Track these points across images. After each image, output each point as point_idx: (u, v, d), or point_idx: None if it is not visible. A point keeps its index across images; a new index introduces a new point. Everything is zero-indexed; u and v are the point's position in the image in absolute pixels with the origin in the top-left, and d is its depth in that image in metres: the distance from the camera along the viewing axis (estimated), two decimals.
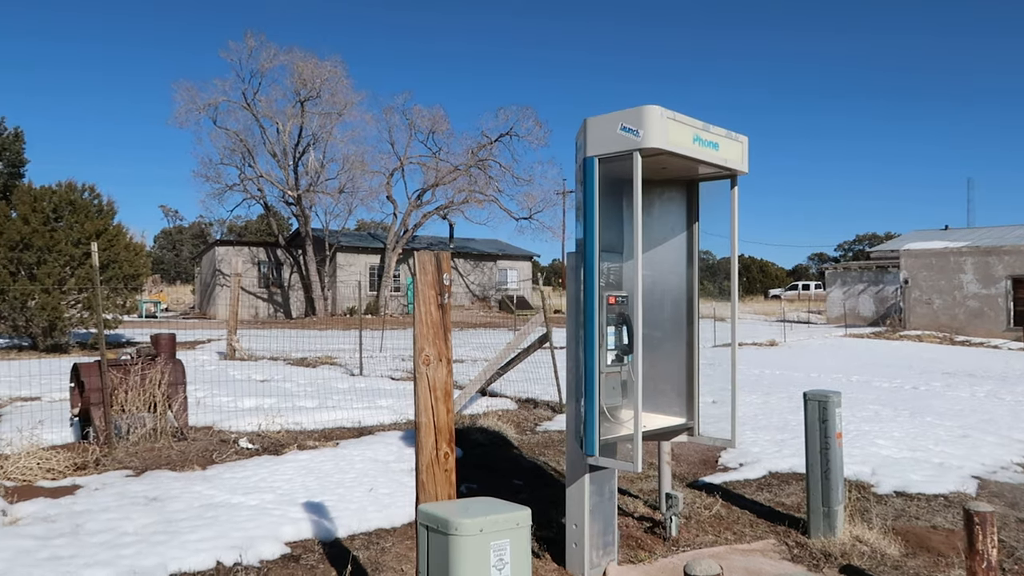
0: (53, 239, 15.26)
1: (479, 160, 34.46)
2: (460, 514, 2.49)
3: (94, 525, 4.13)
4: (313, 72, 31.52)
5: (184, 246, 70.04)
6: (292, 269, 34.42)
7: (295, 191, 32.15)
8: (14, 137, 28.96)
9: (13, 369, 11.17)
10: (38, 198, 15.81)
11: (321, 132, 32.66)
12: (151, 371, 5.79)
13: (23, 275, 15.24)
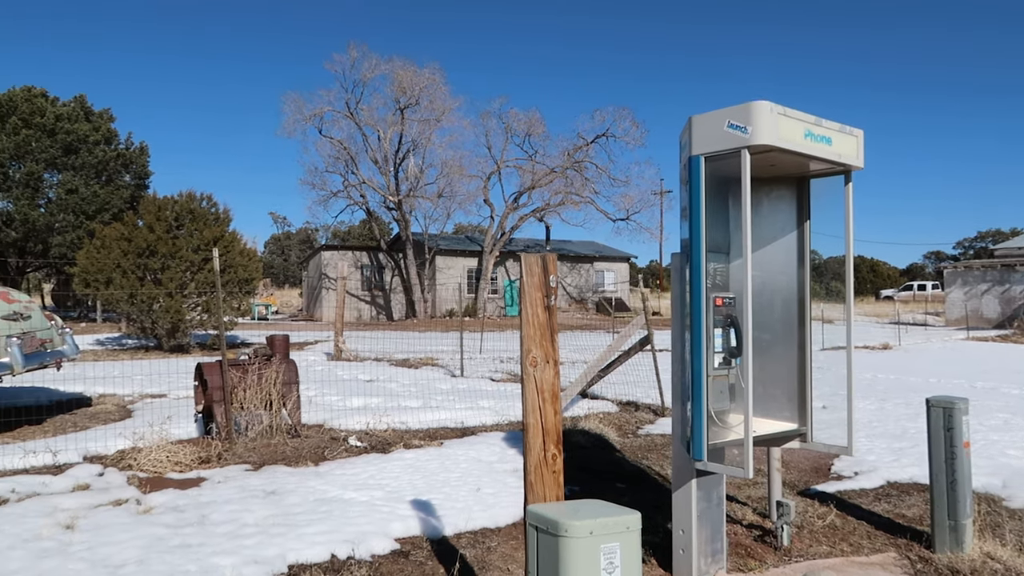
0: (175, 246, 16.23)
1: (575, 162, 34.41)
2: (570, 516, 2.49)
3: (218, 516, 4.36)
4: (412, 80, 32.28)
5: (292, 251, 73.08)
6: (393, 272, 35.32)
7: (396, 196, 33.00)
8: (140, 151, 30.97)
9: (142, 368, 11.93)
10: (162, 208, 16.86)
11: (420, 138, 33.41)
12: (267, 371, 6.07)
13: (149, 280, 16.28)
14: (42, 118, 27.53)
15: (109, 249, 16.23)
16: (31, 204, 27.32)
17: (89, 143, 28.65)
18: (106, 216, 27.16)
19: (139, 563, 3.65)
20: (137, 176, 30.82)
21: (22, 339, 6.87)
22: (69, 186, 27.89)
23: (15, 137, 26.81)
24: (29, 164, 27.33)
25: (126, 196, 29.25)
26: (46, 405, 8.25)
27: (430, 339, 19.84)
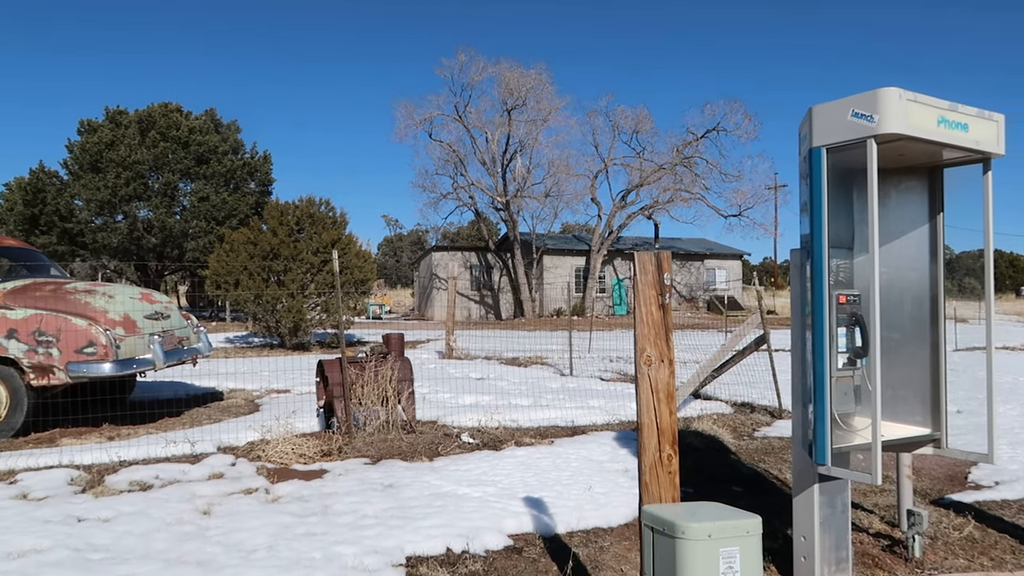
0: (296, 249, 17.03)
1: (685, 158, 33.73)
2: (687, 518, 2.45)
3: (340, 507, 4.54)
4: (519, 81, 32.54)
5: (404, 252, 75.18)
6: (501, 272, 35.71)
7: (503, 197, 33.35)
8: (264, 159, 32.72)
9: (267, 365, 12.58)
10: (284, 213, 17.72)
11: (527, 139, 33.63)
12: (383, 368, 6.27)
13: (273, 281, 17.16)
14: (177, 131, 29.50)
15: (237, 253, 17.21)
16: (168, 212, 29.33)
17: (218, 153, 30.47)
18: (234, 221, 28.83)
19: (269, 549, 3.86)
20: (261, 183, 32.54)
21: (163, 337, 7.39)
22: (201, 194, 29.77)
23: (154, 149, 28.86)
24: (166, 175, 29.36)
25: (251, 202, 30.94)
26: (183, 398, 8.85)
27: (538, 338, 19.94)
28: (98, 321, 6.79)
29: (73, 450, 5.92)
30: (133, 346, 7.01)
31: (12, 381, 6.68)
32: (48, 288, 7.11)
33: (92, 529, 4.15)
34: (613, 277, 35.92)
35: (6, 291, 6.95)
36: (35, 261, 8.13)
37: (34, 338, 6.59)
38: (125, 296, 7.38)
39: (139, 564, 3.66)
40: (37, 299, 6.91)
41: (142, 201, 29.55)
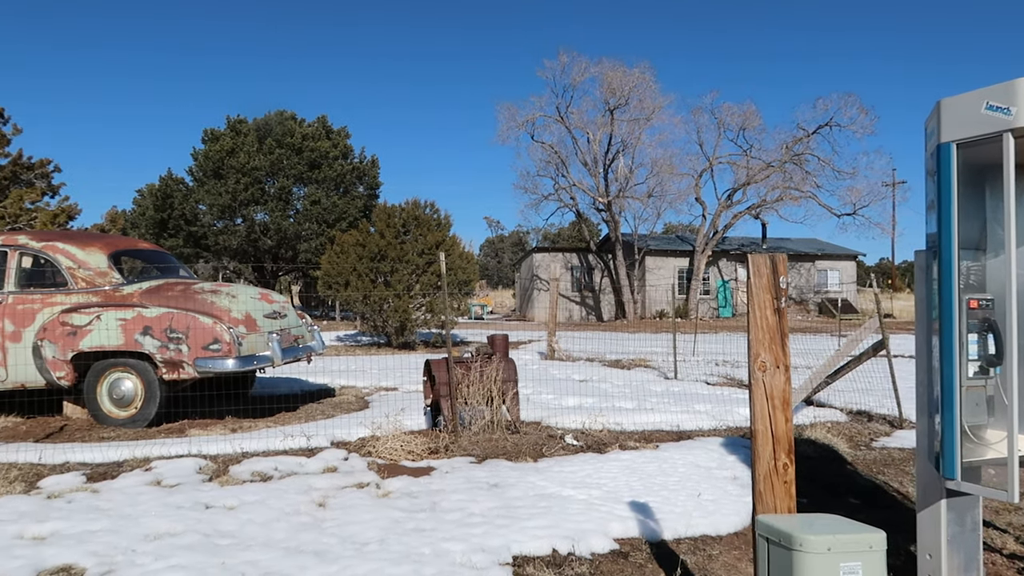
0: (403, 250, 17.49)
1: (795, 155, 32.55)
2: (805, 529, 2.36)
3: (447, 504, 4.64)
4: (621, 80, 32.27)
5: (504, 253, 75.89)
6: (603, 273, 35.50)
7: (605, 198, 33.14)
8: (371, 164, 33.82)
9: (375, 363, 12.98)
10: (391, 215, 18.24)
11: (630, 138, 33.30)
12: (488, 368, 6.36)
13: (380, 282, 17.70)
14: (292, 138, 30.90)
15: (347, 254, 17.85)
16: (283, 215, 30.76)
17: (329, 158, 31.70)
18: (343, 224, 29.93)
19: (380, 542, 3.98)
20: (369, 187, 33.64)
21: (280, 335, 7.76)
22: (313, 198, 31.05)
23: (270, 156, 30.33)
24: (281, 179, 30.79)
25: (360, 205, 32.02)
26: (298, 394, 9.25)
27: (641, 340, 19.69)
28: (223, 320, 7.20)
29: (200, 440, 6.30)
30: (254, 343, 7.38)
31: (146, 375, 7.17)
32: (178, 288, 7.59)
33: (219, 516, 4.40)
34: (718, 279, 35.06)
35: (141, 291, 7.47)
36: (166, 263, 8.70)
37: (166, 335, 7.05)
38: (246, 296, 7.79)
39: (261, 551, 3.86)
40: (169, 298, 7.39)
41: (259, 205, 31.10)
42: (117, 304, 7.30)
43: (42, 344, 7.19)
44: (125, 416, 7.22)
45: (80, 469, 5.47)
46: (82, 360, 7.23)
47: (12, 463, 5.59)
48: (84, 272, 7.47)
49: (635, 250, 33.97)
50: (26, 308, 7.34)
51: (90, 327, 7.15)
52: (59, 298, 7.36)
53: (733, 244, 36.61)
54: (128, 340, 7.09)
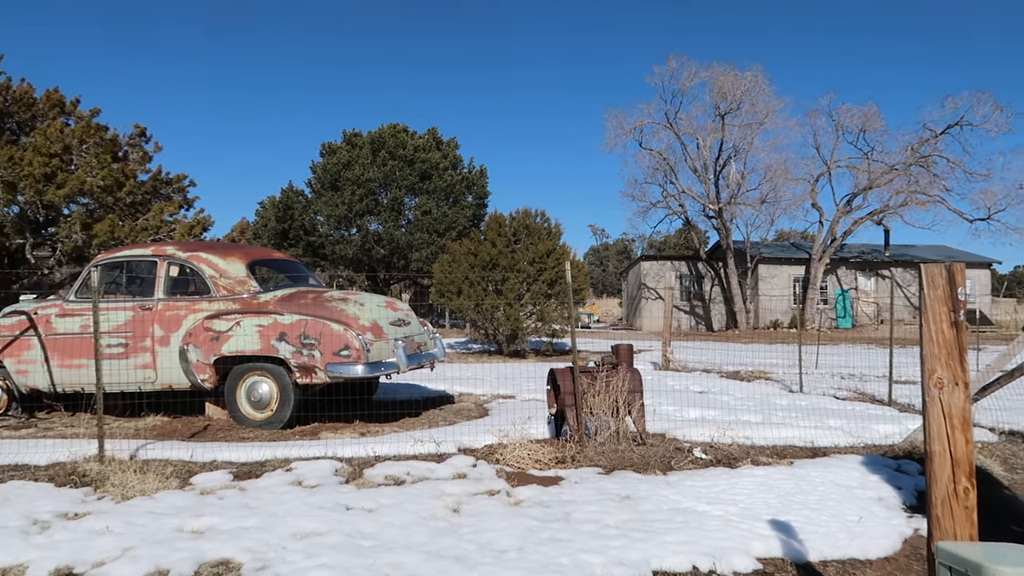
0: (514, 259, 17.64)
1: (921, 157, 30.78)
2: (998, 560, 2.19)
3: (580, 515, 4.61)
4: (733, 84, 31.48)
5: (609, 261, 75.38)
6: (713, 282, 34.66)
7: (716, 204, 32.38)
8: (480, 174, 34.36)
9: (489, 371, 13.11)
10: (502, 224, 18.44)
11: (741, 143, 32.43)
12: (614, 378, 6.30)
13: (491, 290, 17.90)
14: (404, 150, 31.81)
15: (459, 263, 18.18)
16: (395, 225, 31.68)
17: (439, 169, 32.43)
18: (453, 233, 30.51)
19: (518, 551, 3.99)
20: (478, 196, 34.16)
21: (405, 342, 7.96)
22: (424, 208, 31.83)
23: (384, 168, 31.33)
24: (394, 190, 31.74)
25: (469, 215, 32.58)
26: (418, 400, 9.46)
27: (755, 351, 19.07)
28: (352, 327, 7.45)
29: (333, 443, 6.52)
30: (380, 350, 7.60)
31: (282, 379, 7.50)
32: (310, 296, 7.92)
33: (359, 518, 4.54)
34: (836, 287, 33.54)
35: (277, 298, 7.83)
36: (297, 272, 9.10)
37: (300, 341, 7.36)
38: (373, 304, 8.03)
39: (403, 554, 3.94)
40: (302, 306, 7.72)
41: (373, 215, 32.16)
42: (255, 311, 7.68)
43: (187, 348, 7.65)
44: (262, 418, 7.57)
45: (226, 468, 5.77)
46: (223, 364, 7.64)
47: (167, 460, 5.96)
48: (225, 280, 7.91)
49: (747, 258, 32.98)
50: (173, 314, 7.83)
51: (231, 332, 7.56)
52: (203, 305, 7.82)
53: (852, 251, 34.95)
54: (265, 345, 7.45)
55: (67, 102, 19.06)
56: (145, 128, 19.48)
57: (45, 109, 18.66)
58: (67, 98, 19.09)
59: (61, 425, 7.97)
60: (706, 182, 33.00)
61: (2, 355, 8.30)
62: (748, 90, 31.80)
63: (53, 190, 16.46)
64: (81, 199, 17.27)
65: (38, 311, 8.33)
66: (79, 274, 18.29)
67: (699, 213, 34.48)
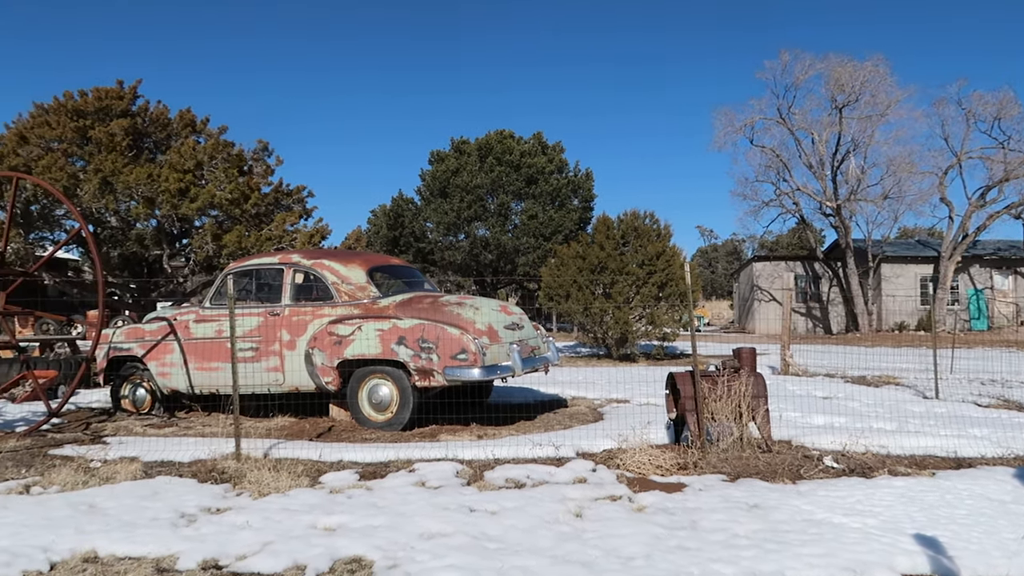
0: (622, 261, 17.46)
1: None
2: None
3: (707, 523, 4.48)
4: (851, 75, 30.06)
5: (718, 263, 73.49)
6: (831, 282, 33.17)
7: (834, 201, 30.98)
8: (586, 177, 34.26)
9: (599, 375, 13.01)
10: (610, 227, 18.29)
11: (861, 137, 30.92)
12: (736, 383, 6.10)
13: (600, 294, 17.78)
14: (510, 156, 32.14)
15: (567, 266, 18.15)
16: (502, 230, 32.04)
17: (545, 173, 32.56)
18: (559, 237, 30.54)
19: (646, 558, 3.91)
20: (583, 200, 34.07)
21: (519, 346, 8.00)
22: (530, 212, 32.03)
23: (491, 174, 31.75)
24: (501, 196, 32.11)
25: (575, 218, 32.54)
26: (532, 404, 9.48)
27: (881, 355, 18.07)
28: (468, 331, 7.55)
29: (453, 445, 6.62)
30: (496, 354, 7.67)
31: (401, 381, 7.69)
32: (427, 301, 8.08)
33: (482, 520, 4.57)
34: (969, 287, 31.38)
35: (396, 303, 8.04)
36: (413, 277, 9.32)
37: (418, 344, 7.52)
38: (488, 308, 8.12)
39: (529, 557, 3.94)
40: (419, 310, 7.89)
41: (480, 221, 32.64)
42: (375, 316, 7.91)
43: (313, 352, 7.97)
44: (382, 420, 7.78)
45: (352, 467, 5.96)
46: (346, 367, 7.91)
47: (296, 459, 6.22)
48: (347, 287, 8.19)
49: (868, 257, 31.35)
50: (299, 319, 8.18)
51: (353, 337, 7.81)
52: (326, 310, 8.12)
53: (987, 248, 32.61)
54: (385, 349, 7.66)
55: (198, 121, 20.33)
56: (268, 143, 20.53)
57: (178, 128, 19.97)
58: (198, 117, 20.36)
59: (199, 424, 8.46)
60: (822, 178, 31.63)
61: (146, 358, 8.91)
62: (867, 81, 30.27)
63: (187, 204, 17.57)
64: (211, 212, 18.37)
65: (177, 317, 8.90)
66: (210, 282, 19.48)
67: (815, 211, 33.12)
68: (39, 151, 18.09)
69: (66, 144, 18.43)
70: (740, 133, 32.89)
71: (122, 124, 18.64)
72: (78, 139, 18.59)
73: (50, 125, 18.53)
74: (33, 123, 18.90)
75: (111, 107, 19.09)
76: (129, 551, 4.15)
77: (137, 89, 19.68)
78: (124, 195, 17.84)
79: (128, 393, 9.21)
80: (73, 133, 18.44)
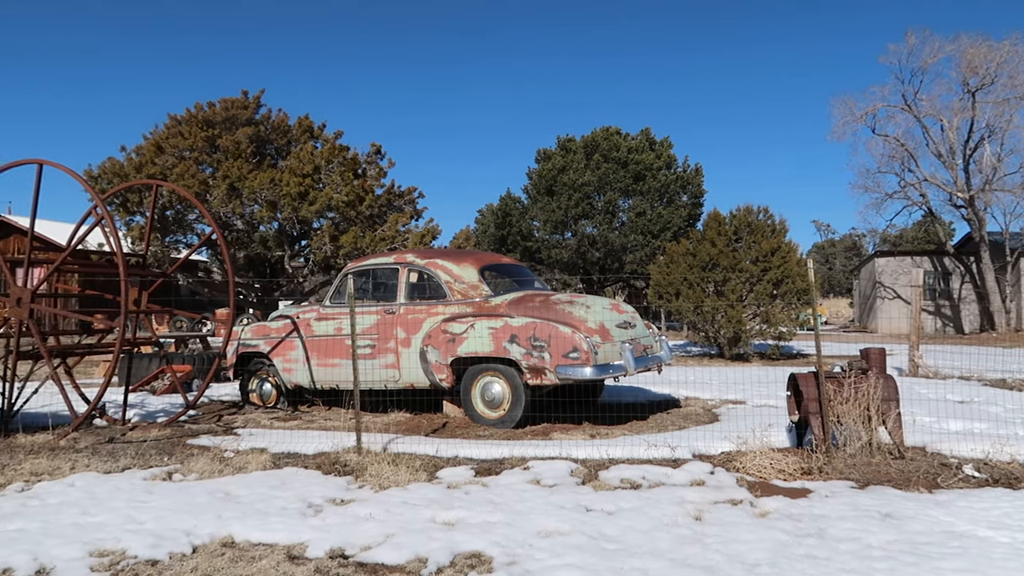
0: (735, 258, 16.95)
1: None
2: None
3: (835, 532, 4.27)
4: (986, 56, 28.00)
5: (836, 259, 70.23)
6: (963, 279, 31.04)
7: (966, 192, 28.97)
8: (695, 172, 33.48)
9: (712, 374, 12.68)
10: (721, 222, 17.80)
11: (997, 122, 28.75)
12: (864, 385, 5.80)
13: (711, 292, 17.33)
14: (617, 152, 31.82)
15: (676, 264, 17.79)
16: (609, 227, 31.77)
17: (653, 170, 32.05)
18: (668, 234, 29.99)
19: (771, 566, 3.77)
20: (693, 196, 33.32)
21: (632, 345, 7.89)
22: (638, 209, 31.62)
23: (598, 171, 31.55)
24: (608, 193, 31.85)
25: (684, 215, 31.87)
26: (643, 403, 9.34)
27: (1021, 356, 16.76)
28: (580, 329, 7.52)
29: (566, 444, 6.61)
30: (608, 352, 7.60)
31: (513, 379, 7.75)
32: (538, 299, 8.11)
33: (599, 520, 4.54)
34: None
35: (507, 302, 8.11)
36: (523, 276, 9.37)
37: (530, 343, 7.55)
38: (599, 306, 8.06)
39: (648, 559, 3.88)
40: (530, 309, 7.93)
41: (587, 219, 32.48)
42: (487, 314, 8.00)
43: (427, 349, 8.15)
44: (495, 417, 7.87)
45: (468, 464, 6.05)
46: (459, 364, 8.04)
47: (414, 453, 6.37)
48: (459, 285, 8.32)
49: (1006, 251, 29.13)
50: (414, 317, 8.38)
51: (465, 335, 7.93)
52: (440, 308, 8.29)
53: None
54: (497, 347, 7.73)
55: (315, 127, 21.20)
56: (380, 146, 21.17)
57: (297, 134, 20.89)
58: (315, 123, 21.24)
59: (321, 418, 8.82)
60: (953, 168, 29.62)
61: (272, 354, 9.37)
62: (1005, 62, 28.10)
63: (306, 207, 18.37)
64: (328, 214, 19.13)
65: (300, 315, 9.30)
66: (327, 282, 20.29)
67: (944, 203, 31.03)
68: (173, 160, 19.36)
69: (197, 152, 19.64)
70: (861, 122, 31.26)
71: (247, 132, 19.69)
72: (207, 148, 19.77)
73: (183, 135, 19.79)
74: (168, 134, 20.25)
75: (237, 116, 20.20)
76: (262, 538, 4.37)
77: (260, 99, 20.73)
78: (249, 199, 18.83)
79: (255, 387, 9.71)
80: (203, 142, 19.63)
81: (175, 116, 20.73)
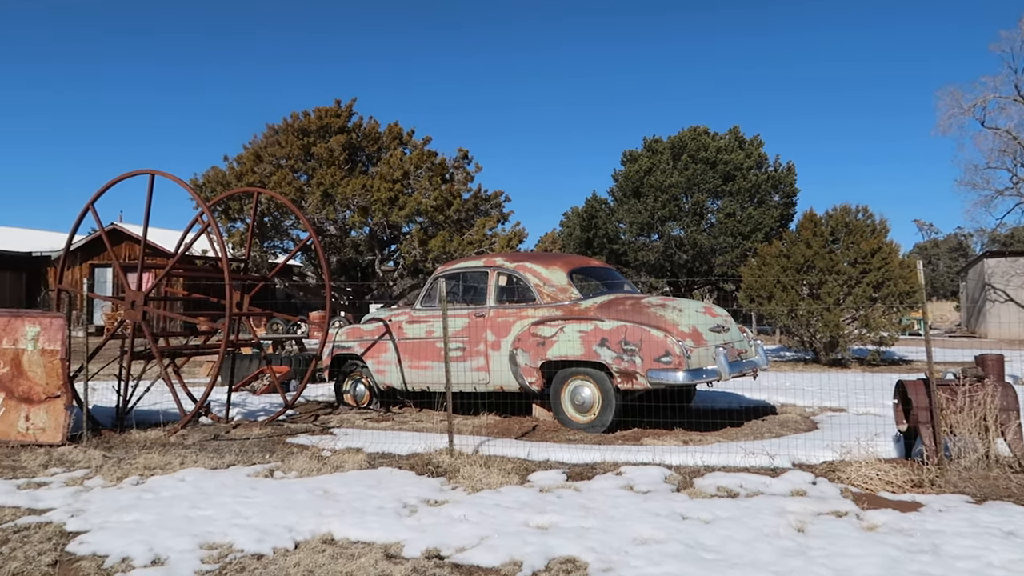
0: (832, 260, 16.32)
1: None
2: None
3: (951, 548, 4.03)
4: None
5: (940, 260, 66.78)
6: None
7: None
8: (787, 171, 32.41)
9: (808, 380, 12.22)
10: (817, 223, 17.17)
11: None
12: (980, 393, 5.46)
13: (806, 294, 16.73)
14: (705, 153, 31.17)
15: (769, 266, 17.27)
16: (697, 229, 31.15)
17: (743, 170, 31.23)
18: (758, 235, 29.15)
19: None
20: (785, 195, 32.28)
21: (725, 349, 7.70)
22: (727, 210, 30.88)
23: (686, 172, 30.99)
24: (696, 195, 31.24)
25: (776, 215, 30.92)
26: (737, 409, 9.09)
27: None
28: (671, 333, 7.39)
29: (658, 450, 6.50)
30: (701, 357, 7.44)
31: (603, 383, 7.68)
32: (628, 302, 8.01)
33: (696, 528, 4.43)
34: None
35: (597, 305, 8.04)
36: (613, 279, 9.28)
37: (621, 346, 7.47)
38: (691, 310, 7.90)
39: (749, 571, 3.76)
40: (620, 312, 7.84)
41: (675, 221, 31.94)
42: (577, 317, 7.96)
43: (516, 352, 8.17)
44: (585, 421, 7.81)
45: (559, 467, 6.02)
46: (548, 368, 8.02)
47: (504, 456, 6.40)
48: (548, 288, 8.31)
49: None
50: (504, 320, 8.42)
51: (555, 338, 7.91)
52: (529, 312, 8.30)
53: None
54: (587, 351, 7.68)
55: (404, 133, 21.63)
56: (467, 151, 21.40)
57: (387, 141, 21.36)
58: (404, 130, 21.66)
59: (412, 419, 8.97)
60: None
61: (365, 356, 9.59)
62: None
63: (396, 212, 18.75)
64: (417, 218, 19.45)
65: (392, 318, 9.49)
66: (416, 285, 20.66)
67: None
68: (271, 168, 20.12)
69: (292, 160, 20.35)
70: (968, 114, 29.51)
71: (339, 140, 20.26)
72: (302, 155, 20.45)
73: (280, 144, 20.54)
74: (266, 143, 21.06)
75: (330, 125, 20.81)
76: (360, 536, 4.47)
77: (352, 107, 21.31)
78: (342, 205, 19.36)
79: (349, 388, 9.97)
80: (298, 150, 20.32)
81: (272, 126, 21.54)
